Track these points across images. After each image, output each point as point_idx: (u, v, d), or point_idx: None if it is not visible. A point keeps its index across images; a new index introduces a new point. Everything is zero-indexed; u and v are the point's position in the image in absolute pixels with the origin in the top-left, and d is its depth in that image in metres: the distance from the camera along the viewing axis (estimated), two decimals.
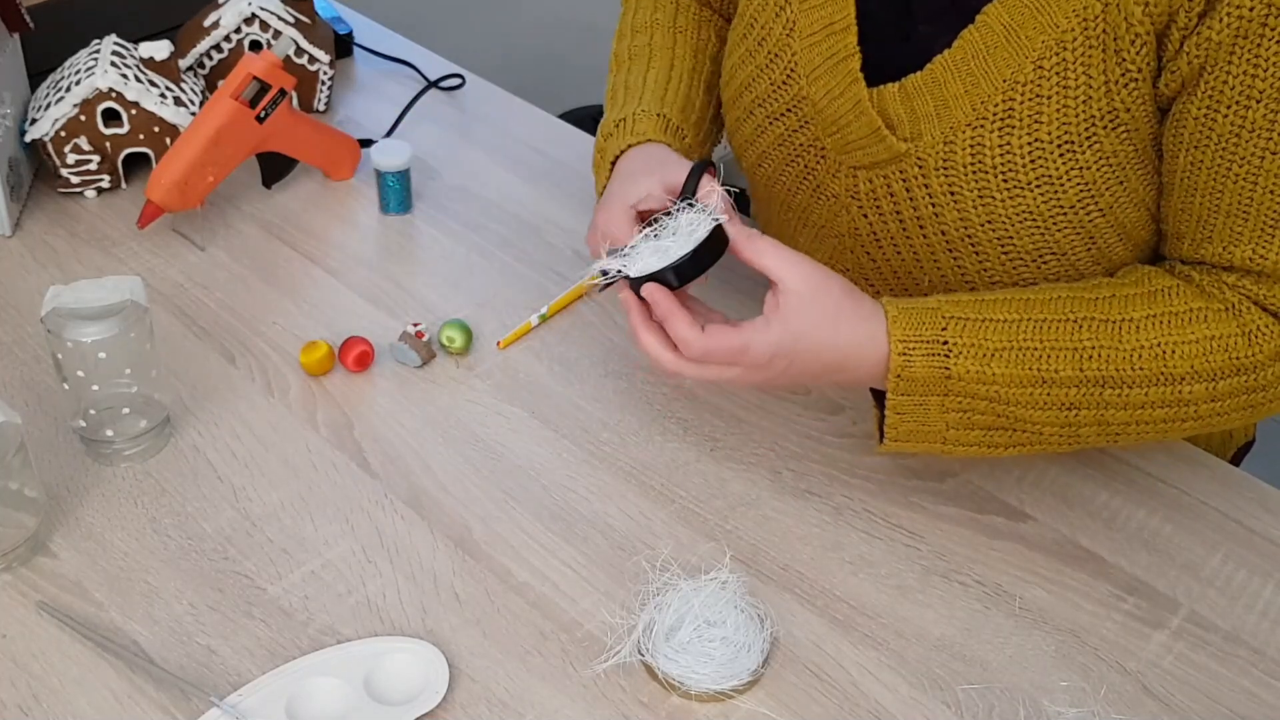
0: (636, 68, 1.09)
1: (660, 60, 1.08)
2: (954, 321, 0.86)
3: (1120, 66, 0.84)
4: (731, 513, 0.96)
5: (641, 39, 1.11)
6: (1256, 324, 0.85)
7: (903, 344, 0.86)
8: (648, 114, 1.02)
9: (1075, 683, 0.85)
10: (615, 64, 1.12)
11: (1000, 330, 0.86)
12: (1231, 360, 0.85)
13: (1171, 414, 0.86)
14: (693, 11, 1.12)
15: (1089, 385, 0.85)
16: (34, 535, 0.90)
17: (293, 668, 0.83)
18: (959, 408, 0.87)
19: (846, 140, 0.94)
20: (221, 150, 1.19)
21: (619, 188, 0.95)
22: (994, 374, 0.85)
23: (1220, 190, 0.84)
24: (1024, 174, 0.88)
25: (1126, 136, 0.86)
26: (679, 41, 1.10)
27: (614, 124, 1.03)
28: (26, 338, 1.09)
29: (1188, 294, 0.87)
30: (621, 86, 1.08)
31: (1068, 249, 0.91)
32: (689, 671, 0.82)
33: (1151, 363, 0.85)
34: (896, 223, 0.95)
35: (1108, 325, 0.86)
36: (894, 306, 0.87)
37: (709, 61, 1.10)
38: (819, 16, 0.94)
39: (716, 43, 1.12)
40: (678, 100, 1.05)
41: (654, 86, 1.06)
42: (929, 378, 0.86)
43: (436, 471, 0.98)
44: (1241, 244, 0.84)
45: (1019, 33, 0.85)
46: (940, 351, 0.85)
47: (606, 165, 1.01)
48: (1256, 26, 0.78)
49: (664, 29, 1.11)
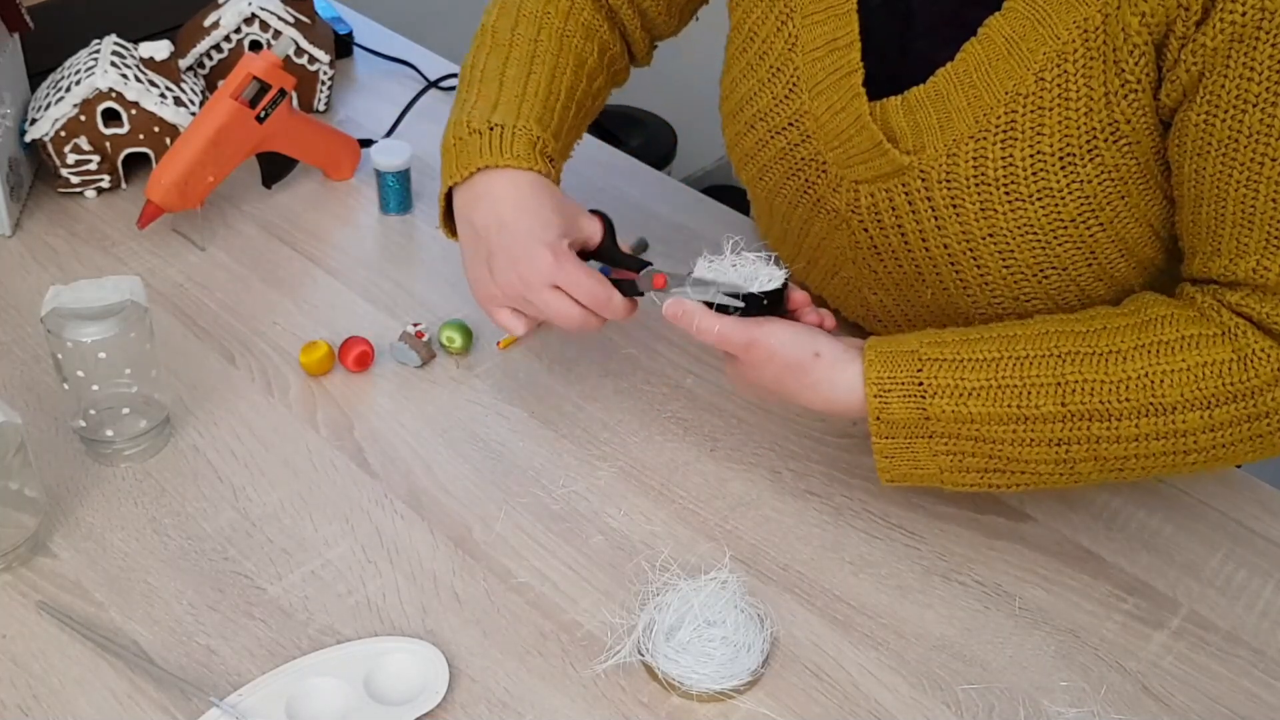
0: (516, 64, 1.01)
1: (543, 66, 1.02)
2: (930, 363, 0.86)
3: (1120, 78, 0.84)
4: (731, 513, 0.96)
5: (527, 29, 1.03)
6: (1253, 348, 0.83)
7: (877, 385, 0.86)
8: (528, 132, 0.96)
9: (1075, 683, 0.85)
10: (490, 40, 1.04)
11: (979, 369, 0.86)
12: (1225, 386, 0.83)
13: (1169, 446, 0.85)
14: (585, 16, 1.06)
15: (1074, 420, 0.85)
16: (34, 535, 0.90)
17: (293, 668, 0.83)
18: (947, 450, 0.87)
19: (848, 154, 0.94)
20: (221, 150, 1.19)
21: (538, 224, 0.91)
22: (971, 413, 0.85)
23: (1223, 198, 0.83)
24: (1025, 186, 0.88)
25: (1128, 149, 0.86)
26: (565, 49, 1.03)
27: (486, 124, 0.96)
28: (26, 338, 1.09)
29: (1181, 321, 0.85)
30: (495, 77, 1.01)
31: (1068, 263, 0.91)
32: (689, 671, 0.82)
33: (1139, 393, 0.84)
34: (898, 236, 0.95)
35: (1093, 358, 0.85)
36: (873, 350, 0.88)
37: (585, 78, 1.05)
38: (822, 32, 0.93)
39: (596, 58, 1.06)
40: (553, 121, 1.00)
41: (535, 100, 0.99)
42: (908, 420, 0.86)
43: (436, 471, 0.98)
44: (1247, 256, 0.83)
45: (1020, 45, 0.85)
46: (916, 393, 0.86)
47: (470, 168, 0.94)
48: (1251, 31, 0.78)
49: (552, 29, 1.03)
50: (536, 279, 0.90)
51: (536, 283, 0.90)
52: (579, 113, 1.04)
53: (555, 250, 0.91)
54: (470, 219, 0.95)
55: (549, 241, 0.91)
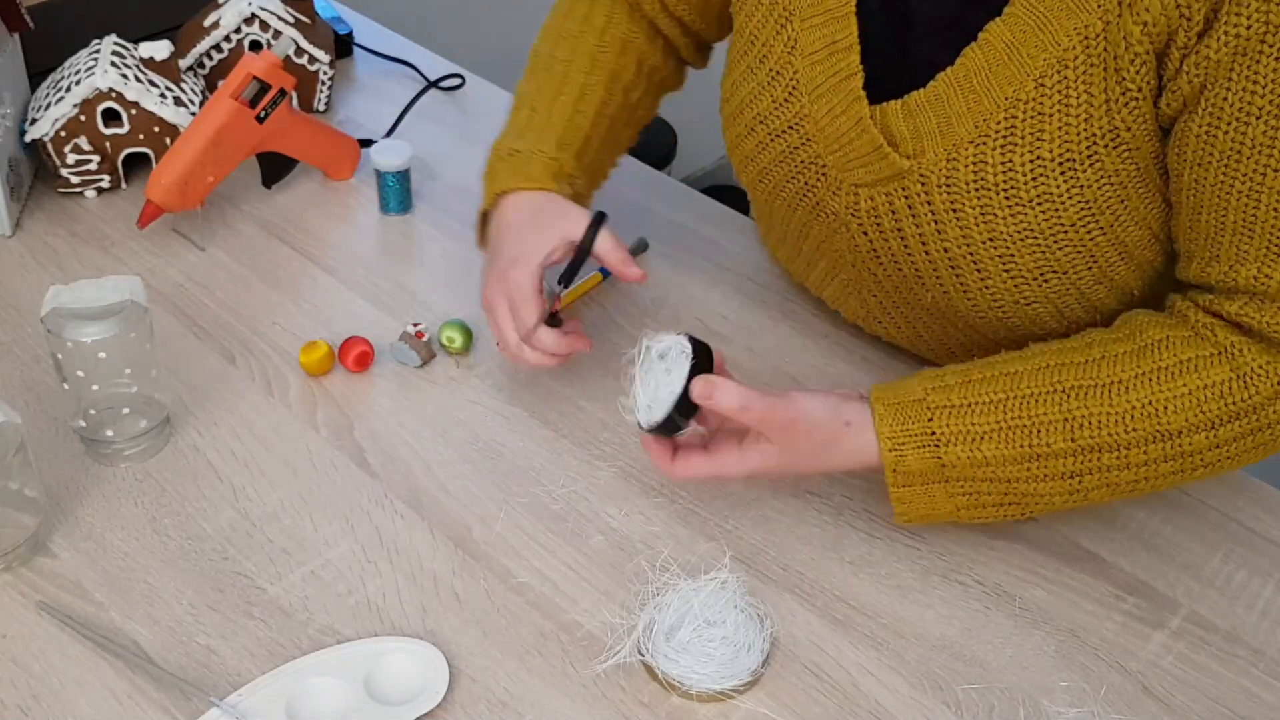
0: (548, 87, 1.09)
1: (572, 86, 1.08)
2: (940, 411, 0.87)
3: (1120, 85, 0.84)
4: (731, 513, 0.96)
5: (564, 50, 1.10)
6: (1251, 365, 0.83)
7: (892, 440, 0.87)
8: (544, 155, 1.04)
9: (1075, 683, 0.85)
10: (531, 63, 1.13)
11: (987, 412, 0.86)
12: (1228, 407, 0.84)
13: (1177, 466, 0.86)
14: (620, 30, 1.11)
15: (1085, 453, 0.85)
16: (34, 535, 0.90)
17: (293, 668, 0.83)
18: (963, 491, 0.87)
19: (848, 158, 0.94)
20: (221, 150, 1.19)
21: (521, 248, 1.00)
22: (985, 456, 0.86)
23: (1224, 208, 0.83)
24: (1025, 191, 0.88)
25: (1127, 155, 0.86)
26: (597, 66, 1.09)
27: (508, 150, 1.06)
28: (26, 338, 1.09)
29: (1178, 345, 0.85)
30: (528, 104, 1.09)
31: (1069, 267, 0.91)
32: (689, 671, 0.82)
33: (1145, 422, 0.84)
34: (898, 240, 0.95)
35: (1096, 390, 0.85)
36: (880, 404, 0.88)
37: (620, 92, 1.10)
38: (821, 35, 0.93)
39: (633, 70, 1.11)
40: (576, 140, 1.07)
41: (558, 122, 1.07)
42: (924, 469, 0.87)
43: (436, 471, 0.98)
44: (1247, 263, 0.83)
45: (1020, 51, 0.85)
46: (930, 443, 0.86)
47: (492, 194, 1.04)
48: (1255, 44, 0.78)
49: (587, 48, 1.10)
50: (486, 298, 1.01)
51: (486, 302, 1.01)
52: (613, 126, 1.11)
53: (504, 276, 0.99)
54: (491, 237, 1.05)
55: (503, 265, 0.99)
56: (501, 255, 1.01)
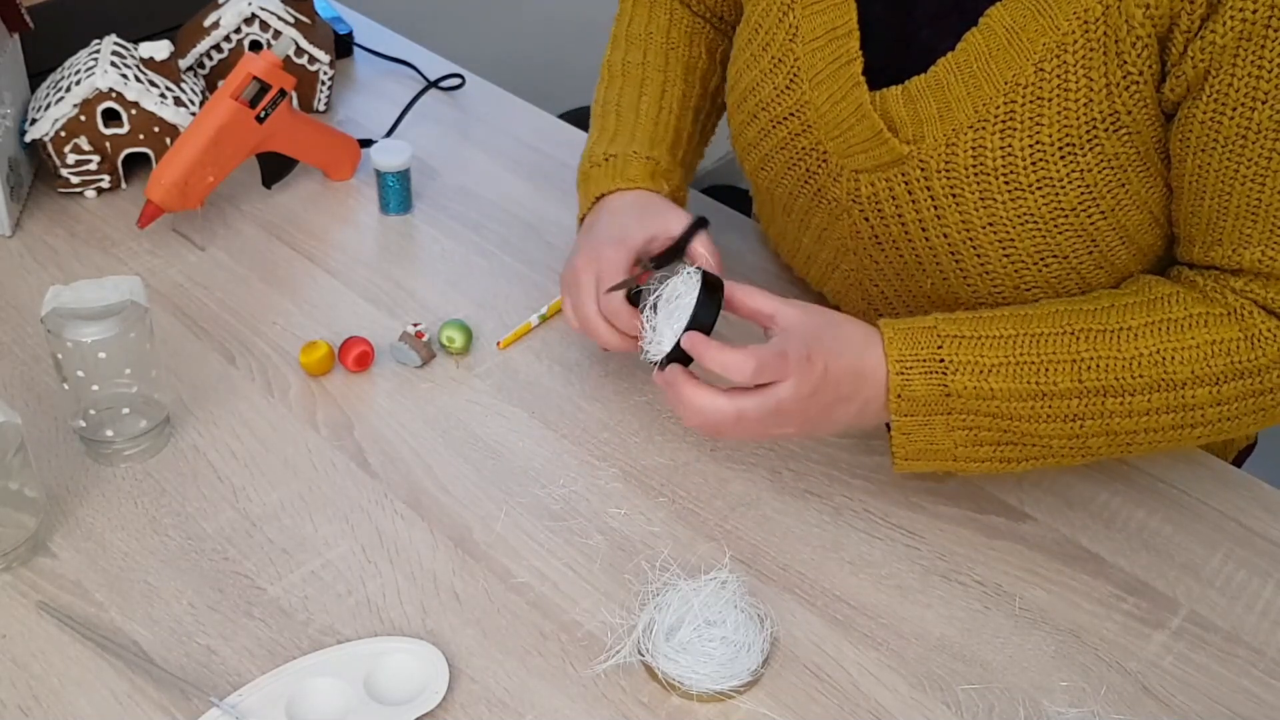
0: (629, 90, 1.10)
1: (652, 85, 1.09)
2: (950, 339, 0.86)
3: (1121, 69, 0.84)
4: (731, 513, 0.96)
5: (635, 54, 1.11)
6: (1260, 328, 0.84)
7: (899, 363, 0.86)
8: (639, 156, 1.04)
9: (1075, 683, 0.85)
10: (607, 74, 1.13)
11: (997, 346, 0.86)
12: (1234, 364, 0.85)
13: (1178, 420, 0.86)
14: (685, 24, 1.13)
15: (1089, 395, 0.85)
16: (34, 535, 0.90)
17: (292, 668, 0.83)
18: (964, 425, 0.87)
19: (849, 144, 0.94)
20: (221, 150, 1.19)
21: (615, 229, 0.98)
22: (992, 389, 0.86)
23: (1228, 193, 0.84)
24: (1025, 176, 0.88)
25: (1128, 139, 0.86)
26: (671, 61, 1.11)
27: (603, 156, 1.05)
28: (26, 338, 1.09)
29: (1188, 300, 0.86)
30: (613, 109, 1.09)
31: (1069, 252, 0.91)
32: (689, 671, 0.82)
33: (1151, 369, 0.85)
34: (898, 225, 0.95)
35: (1105, 335, 0.86)
36: (890, 328, 0.87)
37: (698, 82, 1.12)
38: (821, 21, 0.94)
39: (706, 60, 1.13)
40: (668, 136, 1.07)
41: (646, 122, 1.07)
42: (929, 396, 0.86)
43: (436, 471, 0.98)
44: (1251, 246, 0.84)
45: (1020, 35, 0.85)
46: (937, 369, 0.86)
47: (590, 198, 1.03)
48: (1260, 29, 0.78)
49: (658, 45, 1.11)
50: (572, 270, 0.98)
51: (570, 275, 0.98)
52: (698, 116, 1.12)
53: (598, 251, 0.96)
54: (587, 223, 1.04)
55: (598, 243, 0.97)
56: (597, 235, 0.98)
